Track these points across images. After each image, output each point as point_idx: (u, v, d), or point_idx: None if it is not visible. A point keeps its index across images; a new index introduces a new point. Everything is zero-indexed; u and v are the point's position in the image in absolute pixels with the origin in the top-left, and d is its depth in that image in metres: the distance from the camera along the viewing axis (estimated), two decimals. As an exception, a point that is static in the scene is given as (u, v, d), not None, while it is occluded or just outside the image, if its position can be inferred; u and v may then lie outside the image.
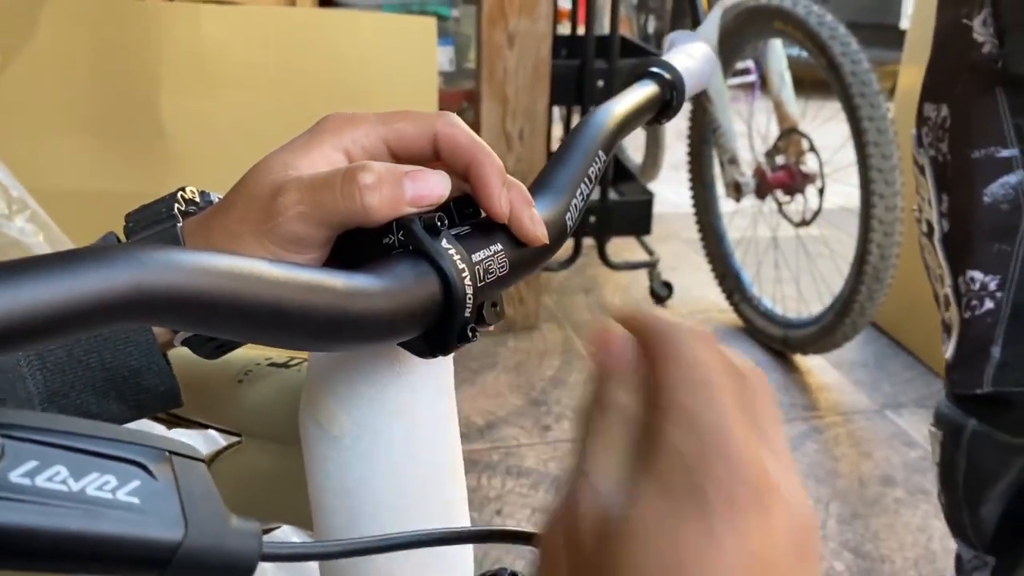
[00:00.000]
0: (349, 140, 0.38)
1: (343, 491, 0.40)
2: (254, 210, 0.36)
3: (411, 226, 0.35)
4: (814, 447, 1.77)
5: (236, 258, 0.28)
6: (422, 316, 0.35)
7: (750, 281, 2.24)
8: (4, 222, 1.00)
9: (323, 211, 0.34)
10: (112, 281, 0.24)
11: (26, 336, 0.22)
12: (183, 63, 1.76)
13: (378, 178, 0.34)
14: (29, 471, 0.21)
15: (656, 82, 0.56)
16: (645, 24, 2.85)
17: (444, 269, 0.35)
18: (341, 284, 0.31)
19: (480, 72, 2.00)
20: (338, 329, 0.31)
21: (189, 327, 0.27)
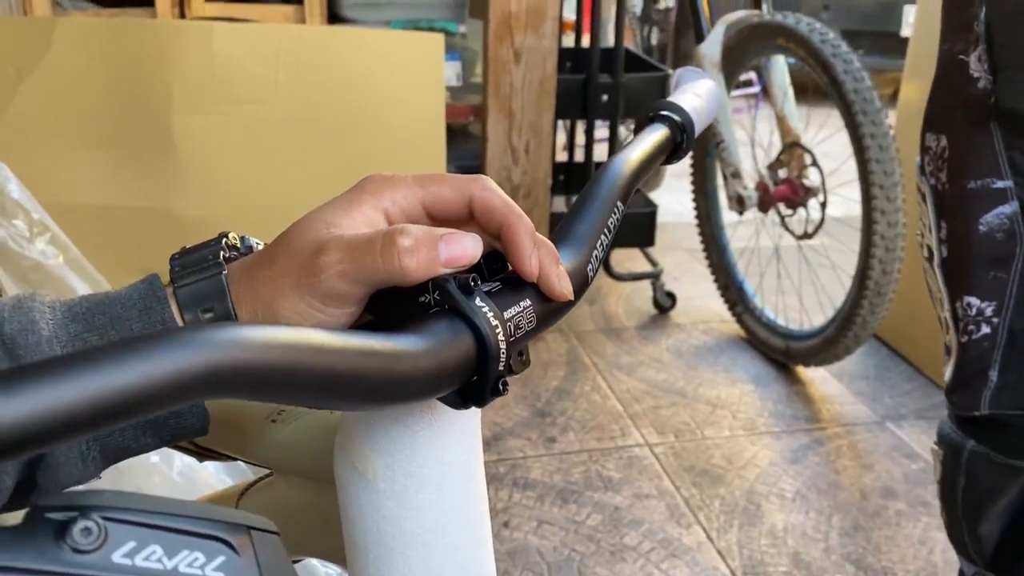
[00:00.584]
0: (388, 201, 0.40)
1: (376, 532, 0.42)
2: (296, 265, 0.38)
3: (447, 286, 0.37)
4: (816, 459, 1.79)
5: (295, 330, 0.31)
6: (459, 372, 0.37)
7: (752, 292, 2.27)
8: (26, 244, 1.03)
9: (363, 270, 0.37)
10: (188, 364, 0.26)
11: (111, 417, 0.25)
12: (195, 80, 1.78)
13: (416, 241, 0.37)
14: (129, 551, 0.24)
15: (667, 125, 0.58)
16: (648, 36, 2.87)
17: (479, 327, 0.37)
18: (389, 348, 0.33)
19: (487, 87, 2.03)
20: (386, 390, 0.33)
21: (254, 398, 0.29)
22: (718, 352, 2.23)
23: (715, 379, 2.09)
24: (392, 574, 0.43)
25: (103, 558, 0.23)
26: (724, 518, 1.61)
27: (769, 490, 1.69)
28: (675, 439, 1.84)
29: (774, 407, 1.98)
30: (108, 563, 0.23)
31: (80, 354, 0.25)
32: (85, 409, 0.23)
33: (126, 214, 1.76)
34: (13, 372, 0.22)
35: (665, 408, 1.96)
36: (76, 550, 0.23)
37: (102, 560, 0.23)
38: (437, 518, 0.43)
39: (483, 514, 0.45)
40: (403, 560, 0.42)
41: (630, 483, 1.69)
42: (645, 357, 2.19)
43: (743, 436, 1.86)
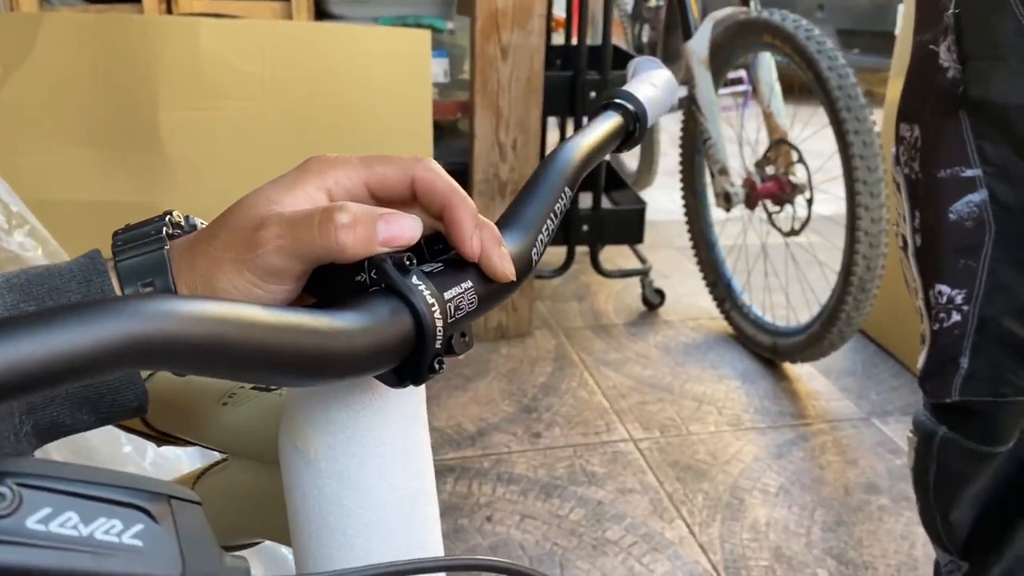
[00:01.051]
0: (332, 181, 0.41)
1: (318, 512, 0.43)
2: (237, 240, 0.38)
3: (383, 265, 0.38)
4: (800, 455, 1.79)
5: (228, 304, 0.31)
6: (396, 351, 0.37)
7: (740, 289, 2.27)
8: (4, 236, 1.03)
9: (300, 246, 0.37)
10: (113, 333, 0.26)
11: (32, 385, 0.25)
12: (181, 76, 1.79)
13: (354, 218, 0.37)
14: (43, 518, 0.24)
15: (619, 113, 0.59)
16: (639, 34, 2.88)
17: (416, 306, 0.37)
18: (325, 324, 0.34)
19: (474, 84, 2.03)
20: (321, 366, 0.34)
21: (186, 371, 0.30)
22: (706, 349, 2.23)
23: (702, 375, 2.10)
24: (334, 553, 0.43)
25: (16, 523, 0.24)
26: (707, 512, 1.62)
27: (753, 485, 1.70)
28: (660, 435, 1.85)
29: (760, 403, 1.98)
30: (21, 528, 0.24)
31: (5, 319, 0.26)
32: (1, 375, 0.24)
33: (112, 209, 1.77)
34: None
35: (651, 404, 1.97)
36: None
37: (15, 525, 0.24)
38: (379, 497, 0.43)
39: (428, 494, 0.46)
40: (345, 539, 0.43)
41: (614, 478, 1.70)
42: (633, 354, 2.20)
43: (728, 432, 1.87)
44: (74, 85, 1.77)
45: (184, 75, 1.79)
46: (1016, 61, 0.87)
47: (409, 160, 0.41)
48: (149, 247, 0.39)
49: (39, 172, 1.76)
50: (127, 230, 0.41)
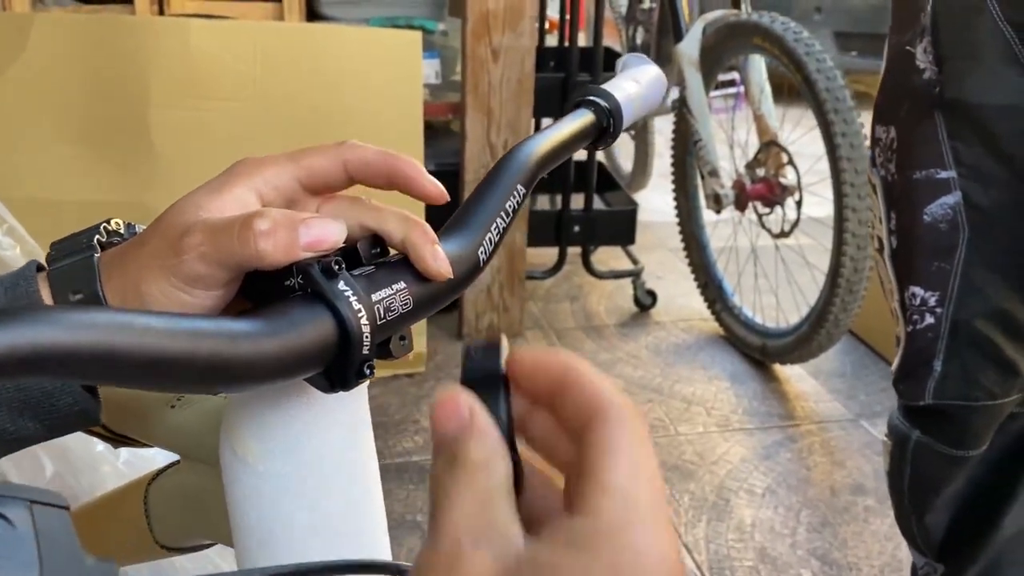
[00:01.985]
0: (261, 181, 0.41)
1: (257, 516, 0.43)
2: (163, 247, 0.39)
3: (308, 269, 0.38)
4: (788, 456, 1.80)
5: (115, 313, 0.31)
6: (318, 355, 0.38)
7: (731, 290, 2.28)
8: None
9: (222, 253, 0.37)
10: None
11: None
12: (172, 76, 1.79)
13: (273, 224, 0.37)
14: None
15: (592, 110, 0.59)
16: (634, 36, 2.88)
17: (339, 310, 0.38)
18: (224, 330, 0.34)
19: (465, 85, 2.04)
20: (223, 373, 0.34)
21: (72, 381, 0.30)
22: (696, 350, 2.23)
23: (692, 376, 2.10)
24: (276, 558, 0.44)
25: None
26: (693, 513, 1.62)
27: (739, 486, 1.70)
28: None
29: (749, 404, 1.98)
30: None
31: None
32: None
33: (102, 209, 1.77)
34: None
35: (640, 404, 1.97)
36: None
37: None
38: (319, 501, 0.44)
39: (372, 496, 0.46)
40: (286, 544, 0.43)
41: (600, 479, 1.70)
42: (623, 354, 2.20)
43: (716, 433, 1.87)
44: (65, 85, 1.78)
45: (175, 75, 1.80)
46: (992, 61, 0.87)
47: (335, 145, 0.41)
48: (79, 255, 0.40)
49: (30, 171, 1.77)
50: (64, 239, 0.42)
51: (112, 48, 1.78)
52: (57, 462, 0.97)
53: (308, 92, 1.86)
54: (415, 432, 1.82)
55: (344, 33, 1.93)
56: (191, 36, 1.80)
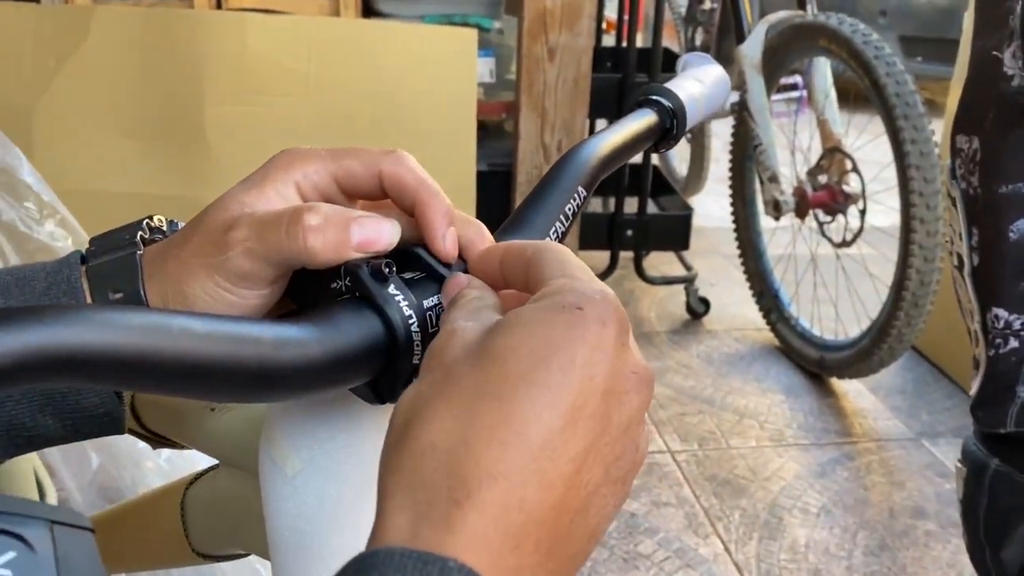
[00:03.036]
0: (300, 175, 0.38)
1: (295, 529, 0.40)
2: (206, 243, 0.36)
3: (357, 271, 0.35)
4: (844, 474, 1.73)
5: (153, 316, 0.29)
6: (366, 364, 0.35)
7: (788, 300, 2.21)
8: (35, 226, 1.03)
9: (269, 249, 0.35)
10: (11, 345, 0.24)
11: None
12: (227, 71, 1.79)
13: (324, 220, 0.35)
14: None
15: (655, 110, 0.55)
16: (692, 37, 2.82)
17: (390, 317, 0.35)
18: (268, 336, 0.31)
19: (519, 84, 2.00)
20: (267, 382, 0.31)
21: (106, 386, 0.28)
22: (750, 360, 2.17)
23: (745, 388, 2.04)
24: (309, 571, 0.41)
25: None
26: (744, 530, 1.56)
27: (793, 504, 1.64)
28: (699, 447, 1.80)
29: (804, 419, 1.92)
30: None
31: None
32: None
33: (155, 202, 1.78)
34: None
35: (691, 415, 1.92)
36: None
37: None
38: (358, 519, 0.41)
39: None
40: (321, 560, 0.41)
41: (648, 490, 1.66)
42: (674, 363, 2.15)
43: (770, 447, 1.81)
44: (122, 78, 1.79)
45: (230, 70, 1.80)
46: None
47: (378, 153, 0.38)
48: (120, 251, 0.38)
49: (84, 163, 1.78)
50: (105, 234, 0.40)
51: (169, 42, 1.79)
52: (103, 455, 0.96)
53: (362, 89, 1.85)
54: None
55: (399, 30, 1.91)
56: (247, 31, 1.80)
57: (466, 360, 0.30)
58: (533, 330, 0.30)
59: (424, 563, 0.26)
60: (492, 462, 0.28)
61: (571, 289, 0.31)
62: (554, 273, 0.33)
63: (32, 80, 1.76)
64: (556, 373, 0.29)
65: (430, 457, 0.28)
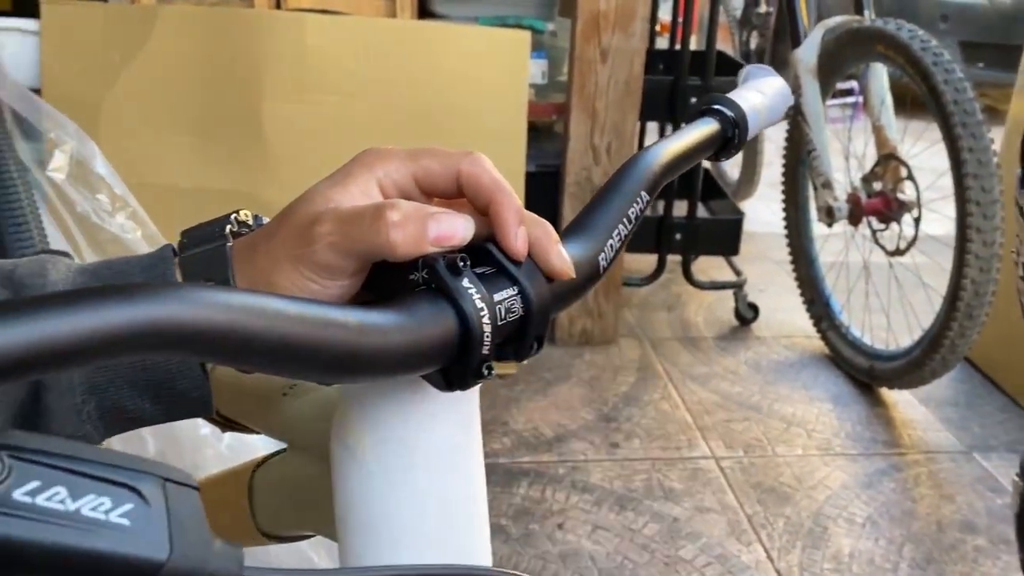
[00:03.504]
0: (381, 172, 0.40)
1: (364, 512, 0.42)
2: (293, 236, 0.38)
3: (434, 265, 0.37)
4: (891, 485, 1.71)
5: (251, 296, 0.31)
6: (439, 352, 0.36)
7: (839, 308, 2.19)
8: (107, 218, 1.07)
9: (352, 242, 0.37)
10: (129, 317, 0.26)
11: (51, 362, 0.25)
12: (285, 69, 1.83)
13: (404, 216, 0.36)
14: (31, 490, 0.24)
15: (717, 119, 0.56)
16: (747, 40, 2.81)
17: (463, 308, 0.36)
18: (353, 320, 0.33)
19: (571, 86, 2.01)
20: (349, 363, 0.33)
21: (204, 359, 0.29)
22: (799, 368, 2.15)
23: (792, 396, 2.02)
24: (378, 554, 0.43)
25: (3, 494, 0.24)
26: (787, 538, 1.56)
27: (839, 513, 1.63)
28: (744, 454, 1.79)
29: (852, 428, 1.90)
30: (7, 499, 0.24)
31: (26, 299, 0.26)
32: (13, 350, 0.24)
33: (214, 197, 1.83)
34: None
35: (737, 422, 1.91)
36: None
37: (2, 496, 0.24)
38: (426, 501, 0.42)
39: (477, 500, 0.44)
40: (389, 541, 0.42)
41: (692, 495, 1.65)
42: (721, 369, 2.14)
43: (816, 456, 1.80)
44: (185, 75, 1.84)
45: (289, 69, 1.84)
46: None
47: (456, 154, 0.40)
48: (211, 243, 0.40)
49: (148, 157, 1.83)
50: (195, 228, 0.42)
51: (230, 41, 1.84)
52: (161, 441, 0.99)
53: (415, 88, 1.88)
54: (503, 434, 1.81)
55: (453, 31, 1.94)
56: (305, 31, 1.83)
57: None
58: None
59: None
60: None
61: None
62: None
63: (100, 76, 1.82)
64: None
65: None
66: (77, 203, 1.02)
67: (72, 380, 0.39)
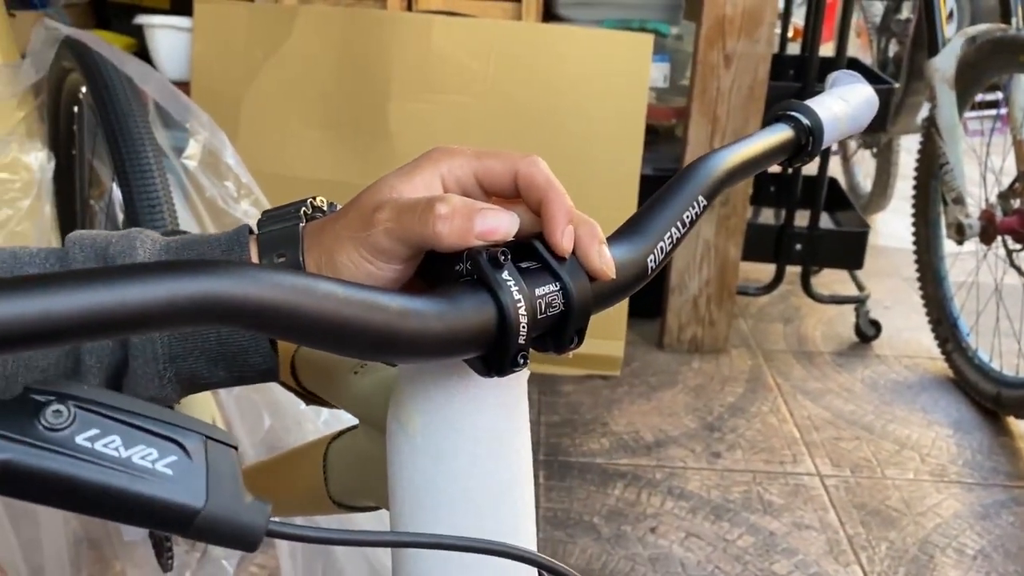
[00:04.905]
0: (445, 168, 0.43)
1: (412, 484, 0.45)
2: (356, 219, 0.42)
3: (477, 257, 0.39)
4: (1010, 519, 1.62)
5: (302, 277, 0.34)
6: (476, 339, 0.39)
7: (967, 330, 2.08)
8: (232, 204, 1.16)
9: (404, 230, 0.40)
10: (183, 290, 0.30)
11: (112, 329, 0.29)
12: (412, 69, 1.91)
13: (452, 210, 0.39)
14: (91, 436, 0.28)
15: (791, 126, 0.56)
16: (886, 48, 2.70)
17: (500, 298, 0.39)
18: (395, 305, 0.36)
19: (693, 90, 2.00)
20: (389, 344, 0.36)
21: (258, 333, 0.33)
22: (918, 390, 2.06)
23: (909, 418, 1.94)
24: (423, 526, 0.46)
25: (67, 437, 0.28)
26: (889, 563, 1.50)
27: (948, 543, 1.55)
28: (851, 473, 1.74)
29: (972, 457, 1.80)
30: (70, 442, 0.28)
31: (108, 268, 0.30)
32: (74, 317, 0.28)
33: (339, 189, 1.92)
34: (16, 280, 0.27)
35: (846, 440, 1.85)
36: (46, 427, 0.28)
37: (66, 439, 0.28)
38: (469, 480, 0.45)
39: (522, 483, 0.47)
40: (434, 515, 0.45)
41: (791, 511, 1.62)
42: (835, 385, 2.07)
43: (928, 482, 1.72)
44: (319, 72, 1.94)
45: (415, 69, 1.91)
46: None
47: (517, 156, 0.42)
48: (286, 223, 0.44)
49: (279, 148, 1.94)
50: (274, 208, 0.46)
51: (362, 40, 1.92)
52: (274, 418, 1.06)
53: (536, 90, 1.91)
54: (602, 434, 1.82)
55: (576, 34, 1.96)
56: (433, 32, 1.90)
57: None
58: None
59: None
60: None
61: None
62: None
63: (242, 71, 1.94)
64: None
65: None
66: (206, 188, 1.11)
67: (156, 350, 0.44)
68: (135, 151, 1.00)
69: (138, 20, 2.00)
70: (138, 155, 1.00)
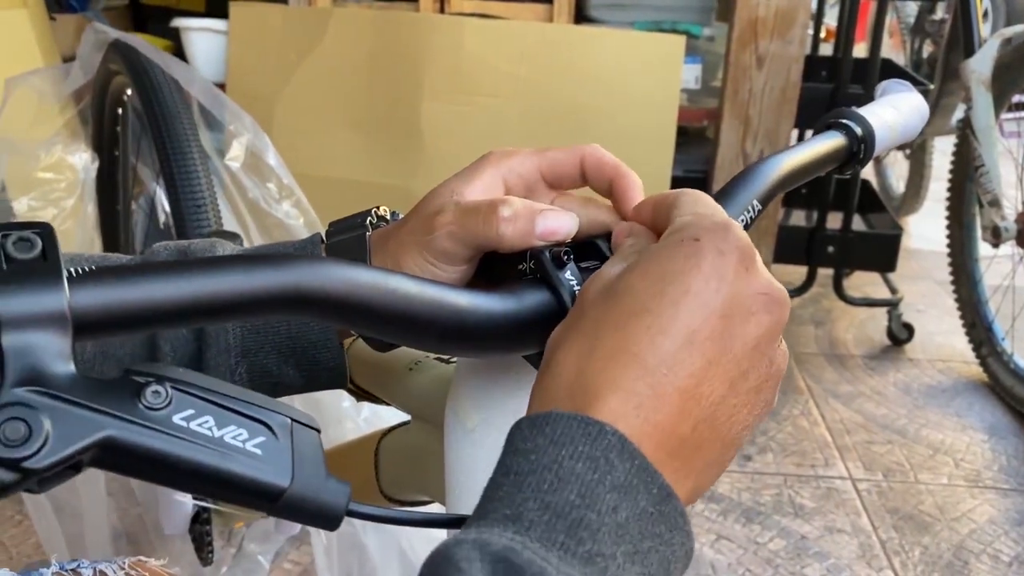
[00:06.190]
0: (506, 169, 0.44)
1: (470, 478, 0.46)
2: (420, 225, 0.43)
3: (540, 256, 0.41)
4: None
5: (378, 272, 0.35)
6: (538, 336, 0.40)
7: (1003, 334, 2.06)
8: (274, 204, 1.17)
9: (467, 233, 0.41)
10: (276, 281, 0.31)
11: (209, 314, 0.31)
12: (444, 71, 1.92)
13: (514, 212, 0.40)
14: (187, 416, 0.30)
15: (844, 134, 0.57)
16: (920, 48, 2.68)
17: (562, 296, 0.40)
18: (463, 301, 0.37)
19: (724, 91, 2.00)
20: (456, 337, 0.38)
21: (336, 323, 0.34)
22: (952, 394, 2.04)
23: (943, 422, 1.93)
24: None
25: (164, 416, 0.29)
26: (923, 568, 1.49)
27: (983, 549, 1.54)
28: (883, 478, 1.72)
29: (1007, 462, 1.79)
30: (167, 421, 0.29)
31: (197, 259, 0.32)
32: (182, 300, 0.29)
33: (372, 190, 1.94)
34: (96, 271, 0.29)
35: (879, 444, 1.84)
36: (146, 406, 0.29)
37: (163, 418, 0.29)
38: (525, 474, 0.46)
39: None
40: (489, 506, 0.46)
41: (823, 514, 1.61)
42: (867, 389, 2.06)
43: (963, 487, 1.71)
44: (352, 74, 1.96)
45: (447, 70, 1.92)
46: None
47: (577, 145, 0.44)
48: (353, 232, 0.45)
49: (315, 150, 1.97)
50: (341, 219, 0.48)
51: (395, 42, 1.94)
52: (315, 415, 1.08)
53: (568, 92, 1.92)
54: (635, 435, 1.82)
55: (608, 36, 1.96)
56: (465, 34, 1.91)
57: (598, 298, 0.36)
58: (652, 265, 0.34)
59: (586, 424, 0.31)
60: (611, 379, 0.32)
61: (692, 224, 0.36)
62: (684, 212, 0.38)
63: (276, 73, 1.97)
64: (668, 304, 0.33)
65: (560, 377, 0.33)
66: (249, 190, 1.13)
67: (229, 343, 0.45)
68: (182, 153, 1.02)
69: (175, 23, 2.04)
70: (184, 157, 1.02)
